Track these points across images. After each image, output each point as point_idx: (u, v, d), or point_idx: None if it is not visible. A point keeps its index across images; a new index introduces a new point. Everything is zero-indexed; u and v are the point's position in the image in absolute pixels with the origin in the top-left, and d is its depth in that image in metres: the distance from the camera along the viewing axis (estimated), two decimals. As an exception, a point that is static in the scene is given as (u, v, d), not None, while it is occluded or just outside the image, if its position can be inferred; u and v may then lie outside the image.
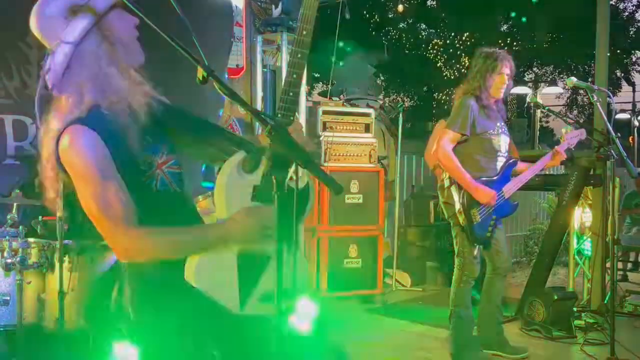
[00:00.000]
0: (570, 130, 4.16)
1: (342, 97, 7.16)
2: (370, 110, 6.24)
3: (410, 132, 15.12)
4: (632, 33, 19.66)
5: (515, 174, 3.99)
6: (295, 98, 1.84)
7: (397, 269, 6.36)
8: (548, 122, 25.52)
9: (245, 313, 1.78)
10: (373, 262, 5.93)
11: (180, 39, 1.48)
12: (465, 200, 3.78)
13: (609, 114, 4.27)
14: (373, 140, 6.04)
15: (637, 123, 21.85)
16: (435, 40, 17.72)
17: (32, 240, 3.52)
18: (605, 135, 3.95)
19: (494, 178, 3.87)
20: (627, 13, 19.42)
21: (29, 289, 3.53)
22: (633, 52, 19.81)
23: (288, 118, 1.83)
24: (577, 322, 4.75)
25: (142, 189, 1.71)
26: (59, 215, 3.25)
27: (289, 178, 1.60)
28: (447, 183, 3.90)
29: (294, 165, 1.52)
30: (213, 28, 4.89)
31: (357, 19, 14.77)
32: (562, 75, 19.22)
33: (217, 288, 1.74)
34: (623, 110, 25.02)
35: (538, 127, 16.84)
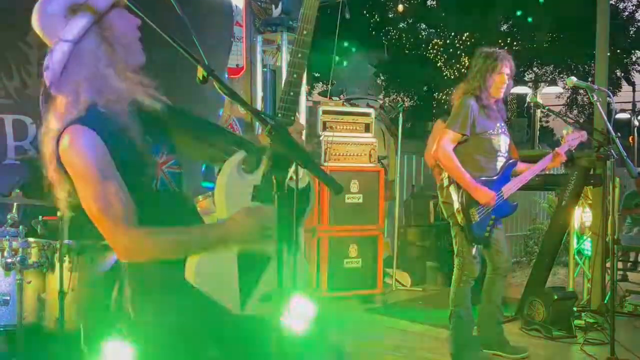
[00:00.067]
0: (572, 132, 4.16)
1: (342, 96, 7.16)
2: (370, 110, 6.24)
3: (410, 132, 15.11)
4: (632, 33, 19.66)
5: (515, 175, 3.99)
6: (296, 98, 1.84)
7: (397, 269, 6.35)
8: (548, 122, 25.55)
9: (246, 313, 1.78)
10: (373, 262, 5.93)
11: (180, 39, 1.48)
12: (464, 200, 3.78)
13: (609, 114, 4.27)
14: (373, 140, 6.04)
15: (637, 123, 21.85)
16: (435, 40, 17.71)
17: (32, 240, 3.52)
18: (605, 135, 3.95)
19: (494, 178, 3.86)
20: (627, 13, 19.43)
21: (29, 289, 3.53)
22: (633, 51, 19.81)
23: (289, 118, 1.83)
24: (577, 322, 4.75)
25: (142, 189, 1.71)
26: (60, 215, 3.25)
27: (289, 178, 1.60)
28: (446, 182, 3.90)
29: (294, 165, 1.52)
30: (213, 27, 4.89)
31: (357, 19, 14.77)
32: (562, 75, 19.21)
33: (217, 288, 1.74)
34: (623, 110, 25.03)
35: (538, 126, 16.84)
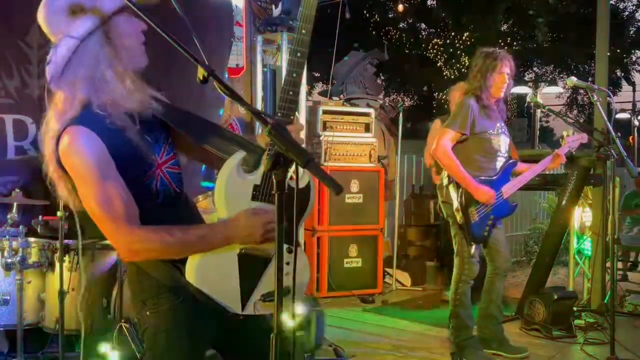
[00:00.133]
0: (572, 134, 4.16)
1: (342, 96, 7.17)
2: (371, 110, 6.25)
3: (410, 132, 15.13)
4: (632, 33, 19.65)
5: (515, 175, 3.99)
6: (295, 97, 1.84)
7: (397, 269, 6.35)
8: (548, 121, 25.59)
9: (246, 313, 1.78)
10: (373, 261, 5.93)
11: (181, 39, 1.47)
12: (463, 199, 3.78)
13: (609, 114, 4.27)
14: (373, 140, 6.04)
15: (637, 123, 21.85)
16: (435, 40, 17.69)
17: (32, 240, 3.52)
18: (605, 135, 3.95)
19: (493, 178, 3.86)
20: (627, 13, 19.41)
21: (29, 289, 3.53)
22: (633, 51, 19.79)
23: (288, 117, 1.83)
24: (577, 321, 4.76)
25: (141, 189, 1.71)
26: (60, 215, 3.25)
27: (289, 178, 1.60)
28: (445, 182, 3.91)
29: (294, 165, 1.52)
30: (213, 27, 4.88)
31: (357, 19, 14.77)
32: (562, 75, 19.18)
33: (218, 288, 1.74)
34: (623, 110, 25.04)
35: (538, 126, 16.84)
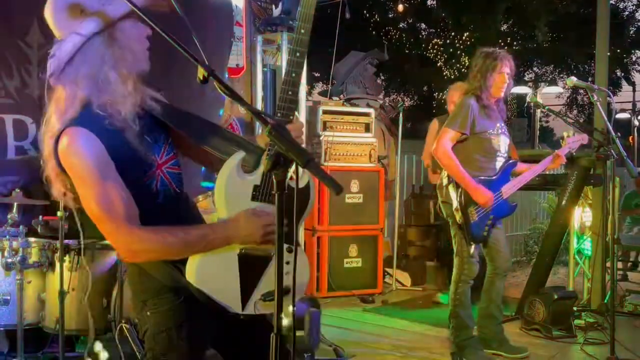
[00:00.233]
0: (573, 134, 4.17)
1: (342, 96, 7.17)
2: (371, 110, 6.25)
3: (411, 131, 15.12)
4: (632, 33, 19.64)
5: (515, 175, 3.99)
6: (295, 97, 1.84)
7: (397, 269, 6.36)
8: (548, 121, 25.57)
9: (246, 313, 1.78)
10: (373, 261, 5.93)
11: (181, 39, 1.47)
12: (463, 199, 3.78)
13: (609, 114, 4.27)
14: (373, 140, 6.04)
15: (637, 123, 21.85)
16: (435, 40, 17.70)
17: (32, 240, 3.52)
18: (605, 135, 3.95)
19: (493, 178, 3.86)
20: (627, 12, 19.41)
21: (29, 289, 3.54)
22: (633, 51, 19.79)
23: (287, 117, 1.83)
24: (577, 321, 4.76)
25: (142, 189, 1.71)
26: (60, 214, 3.25)
27: (289, 177, 1.60)
28: (445, 181, 3.91)
29: (294, 165, 1.52)
30: (213, 27, 4.88)
31: (357, 19, 14.77)
32: (562, 75, 19.18)
33: (218, 288, 1.74)
34: (623, 110, 25.04)
35: (538, 126, 16.83)
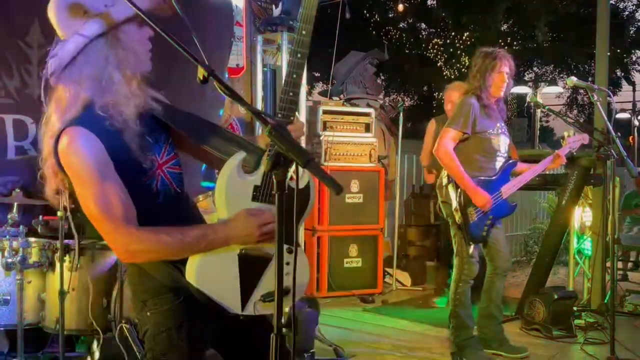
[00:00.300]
0: (573, 134, 4.17)
1: (342, 96, 7.16)
2: (371, 110, 6.25)
3: (411, 131, 15.12)
4: (632, 32, 19.65)
5: (515, 175, 3.99)
6: (296, 98, 1.84)
7: (397, 269, 6.36)
8: (548, 121, 25.58)
9: (246, 313, 1.78)
10: (373, 261, 5.93)
11: (181, 39, 1.47)
12: (462, 199, 3.78)
13: (609, 114, 4.27)
14: (373, 140, 6.04)
15: (637, 122, 21.85)
16: (436, 40, 17.70)
17: (32, 240, 3.52)
18: (606, 135, 3.95)
19: (493, 178, 3.86)
20: (627, 12, 19.41)
21: (30, 289, 3.53)
22: (633, 51, 19.79)
23: (288, 118, 1.83)
24: (577, 321, 4.76)
25: (142, 189, 1.71)
26: (60, 214, 3.25)
27: (289, 178, 1.60)
28: (444, 181, 3.91)
29: (294, 165, 1.52)
30: (213, 27, 4.88)
31: (357, 19, 14.76)
32: (562, 75, 19.18)
33: (218, 288, 1.74)
34: (623, 110, 25.03)
35: (538, 126, 16.83)
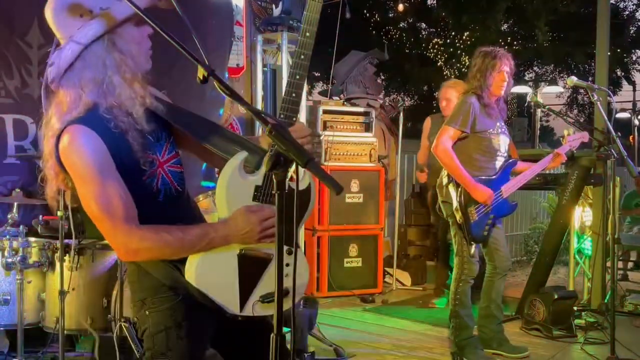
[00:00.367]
0: (573, 133, 4.16)
1: (342, 96, 7.16)
2: (371, 110, 6.25)
3: (411, 131, 15.10)
4: (632, 32, 19.64)
5: (515, 174, 3.99)
6: (298, 99, 1.85)
7: (397, 268, 6.35)
8: (548, 121, 25.56)
9: (245, 314, 1.78)
10: (373, 261, 5.93)
11: (181, 38, 1.47)
12: (463, 198, 3.78)
13: (609, 113, 4.27)
14: (373, 140, 6.04)
15: (637, 122, 21.80)
16: (436, 40, 17.69)
17: (32, 240, 3.53)
18: (606, 135, 3.95)
19: (493, 177, 3.86)
20: (627, 12, 19.40)
21: (30, 289, 3.54)
22: (633, 51, 19.79)
23: (290, 119, 1.83)
24: (577, 321, 4.76)
25: (142, 188, 1.71)
26: (60, 214, 3.25)
27: (290, 179, 1.60)
28: (445, 181, 3.90)
29: (295, 165, 1.52)
30: (213, 27, 4.88)
31: (357, 19, 14.76)
32: (562, 75, 19.18)
33: (217, 288, 1.74)
34: (623, 110, 25.01)
35: (538, 126, 16.80)
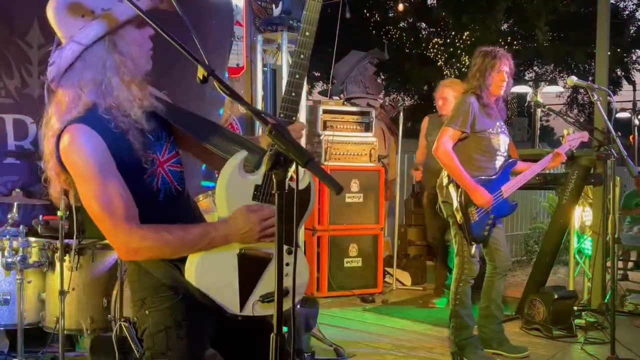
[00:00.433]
0: (573, 132, 4.16)
1: (342, 96, 7.16)
2: (371, 109, 6.25)
3: (411, 131, 15.10)
4: (632, 32, 19.64)
5: (515, 174, 3.99)
6: (298, 98, 1.85)
7: (397, 268, 6.35)
8: (548, 121, 25.56)
9: (244, 314, 1.78)
10: (373, 261, 5.93)
11: (181, 39, 1.47)
12: (463, 199, 3.78)
13: (609, 113, 4.27)
14: (373, 139, 6.04)
15: (637, 122, 21.80)
16: (436, 40, 17.69)
17: (32, 240, 3.52)
18: (606, 134, 3.95)
19: (493, 177, 3.86)
20: (627, 12, 19.40)
21: (30, 289, 3.54)
22: (633, 50, 19.79)
23: (290, 118, 1.84)
24: (577, 321, 4.75)
25: (143, 188, 1.71)
26: (60, 214, 3.26)
27: (290, 178, 1.60)
28: (445, 181, 3.90)
29: (295, 165, 1.52)
30: (213, 27, 4.88)
31: (357, 19, 14.76)
32: (562, 74, 19.18)
33: (217, 288, 1.74)
34: (623, 109, 25.01)
35: (538, 126, 16.80)
